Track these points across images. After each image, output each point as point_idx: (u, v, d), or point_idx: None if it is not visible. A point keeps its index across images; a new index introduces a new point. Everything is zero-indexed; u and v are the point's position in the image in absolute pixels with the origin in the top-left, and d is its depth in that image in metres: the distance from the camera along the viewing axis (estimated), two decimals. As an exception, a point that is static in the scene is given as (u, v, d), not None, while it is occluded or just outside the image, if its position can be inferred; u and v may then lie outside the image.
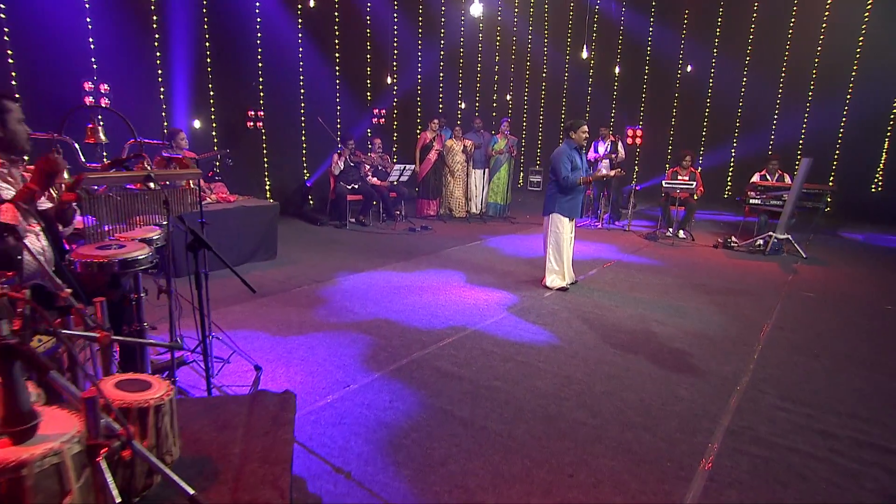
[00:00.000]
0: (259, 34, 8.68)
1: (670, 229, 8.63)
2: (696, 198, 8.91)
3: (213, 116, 8.25)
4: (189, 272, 2.67)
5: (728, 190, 12.78)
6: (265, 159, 9.16)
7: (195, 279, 2.67)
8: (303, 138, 9.70)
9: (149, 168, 2.78)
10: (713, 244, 8.13)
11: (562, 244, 5.57)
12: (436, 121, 9.50)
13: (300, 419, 3.04)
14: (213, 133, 8.30)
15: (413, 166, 8.86)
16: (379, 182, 8.93)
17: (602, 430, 3.07)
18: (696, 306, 5.30)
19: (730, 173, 12.76)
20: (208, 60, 8.05)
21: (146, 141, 3.44)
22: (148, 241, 2.81)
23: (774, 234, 7.70)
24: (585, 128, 5.49)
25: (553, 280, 5.66)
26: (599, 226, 9.28)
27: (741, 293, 5.80)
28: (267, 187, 9.27)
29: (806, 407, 3.43)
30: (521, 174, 14.72)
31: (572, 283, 5.81)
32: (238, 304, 4.85)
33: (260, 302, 4.94)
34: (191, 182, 3.06)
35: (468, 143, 9.67)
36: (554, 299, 5.35)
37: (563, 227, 5.54)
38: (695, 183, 8.27)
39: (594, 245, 7.91)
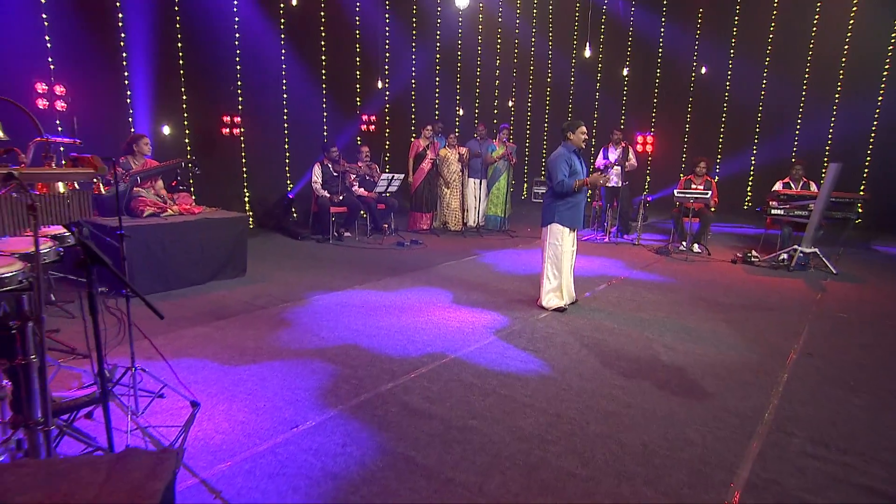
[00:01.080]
0: (237, 34, 8.45)
1: (684, 243, 8.24)
2: (711, 209, 8.53)
3: (185, 122, 7.98)
4: (119, 291, 2.31)
5: (748, 200, 12.38)
6: (244, 168, 8.88)
7: (89, 302, 2.30)
8: (286, 146, 9.43)
9: (20, 168, 2.44)
10: (731, 259, 7.72)
11: (560, 258, 5.20)
12: (429, 127, 9.19)
13: (233, 468, 2.66)
14: (186, 140, 8.02)
15: (402, 176, 8.53)
16: (366, 193, 8.61)
17: (593, 482, 2.66)
18: (711, 329, 4.89)
19: (749, 182, 12.37)
20: (181, 62, 7.81)
21: (54, 139, 3.11)
22: (31, 255, 2.45)
23: (800, 248, 7.29)
24: (584, 128, 5.15)
25: (550, 299, 5.28)
26: (606, 239, 8.90)
27: (763, 314, 5.39)
28: (245, 199, 8.98)
29: (843, 454, 3.01)
30: (525, 185, 14.39)
31: (572, 303, 5.43)
32: (192, 328, 4.50)
33: (216, 325, 4.59)
34: (76, 183, 2.70)
35: (463, 150, 9.35)
36: (549, 321, 4.96)
37: (562, 240, 5.18)
38: (710, 192, 7.89)
39: (599, 260, 7.52)
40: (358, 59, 10.28)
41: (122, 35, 7.12)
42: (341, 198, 8.26)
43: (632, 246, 8.58)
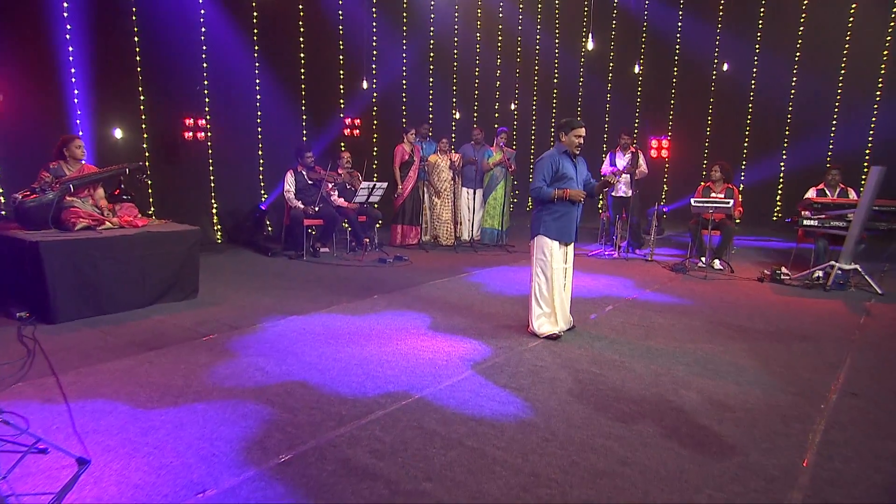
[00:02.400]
0: (203, 28, 8.12)
1: (703, 259, 7.75)
2: (735, 220, 8.03)
3: (143, 126, 7.63)
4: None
5: (777, 210, 11.87)
6: (211, 177, 8.52)
7: None
8: (259, 151, 9.08)
9: None
10: (758, 277, 7.21)
11: (550, 277, 4.74)
12: (412, 131, 8.79)
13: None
14: (144, 145, 7.67)
15: (385, 184, 8.11)
16: (346, 204, 8.20)
17: (570, 574, 2.17)
18: (731, 361, 4.39)
19: (779, 190, 11.87)
20: (137, 59, 7.47)
21: None
22: None
23: (837, 265, 6.76)
24: (581, 131, 4.73)
25: (542, 325, 4.80)
26: (615, 255, 8.41)
27: (795, 343, 4.87)
28: (213, 210, 8.61)
29: (896, 531, 2.49)
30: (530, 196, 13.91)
31: (569, 329, 4.96)
32: (114, 361, 4.06)
33: (144, 358, 4.15)
34: None
35: (455, 157, 8.94)
36: (539, 352, 4.48)
37: (550, 255, 4.74)
38: (732, 201, 7.40)
39: (605, 279, 7.05)
40: (341, 56, 9.94)
41: (69, 27, 6.79)
42: (317, 209, 7.85)
43: (644, 262, 8.11)
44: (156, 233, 5.40)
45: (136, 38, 7.43)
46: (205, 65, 8.22)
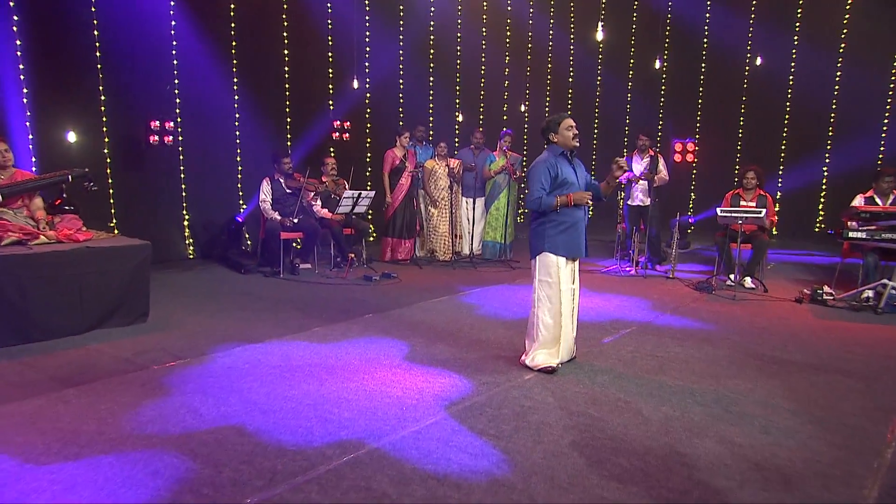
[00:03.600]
0: (173, 21, 7.85)
1: (731, 276, 7.24)
2: (772, 231, 7.51)
3: (104, 129, 7.35)
4: None
5: (819, 220, 11.28)
6: (182, 185, 8.23)
7: None
8: (237, 158, 8.79)
9: None
10: (795, 297, 6.69)
11: (556, 300, 4.29)
12: (406, 134, 8.45)
13: None
14: (105, 150, 7.38)
15: (372, 193, 7.72)
16: (331, 215, 7.83)
17: None
18: (761, 401, 3.89)
19: (821, 197, 11.30)
20: (98, 55, 7.20)
21: None
22: None
23: (891, 283, 6.21)
24: (571, 122, 4.33)
25: (538, 356, 4.35)
26: (632, 271, 7.93)
27: (840, 378, 4.36)
28: (185, 222, 8.31)
29: None
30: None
31: (570, 360, 4.50)
32: (22, 400, 3.68)
33: (61, 396, 3.77)
34: None
35: (454, 162, 8.56)
36: (530, 388, 4.03)
37: (557, 274, 4.29)
38: (764, 210, 6.90)
39: (618, 299, 6.58)
40: (330, 53, 9.67)
41: (16, 18, 6.54)
42: (295, 221, 7.50)
43: (664, 280, 7.63)
44: (96, 248, 5.05)
45: (95, 32, 7.17)
46: (175, 62, 7.96)
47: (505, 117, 12.37)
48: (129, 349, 4.67)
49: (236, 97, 8.64)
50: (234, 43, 8.53)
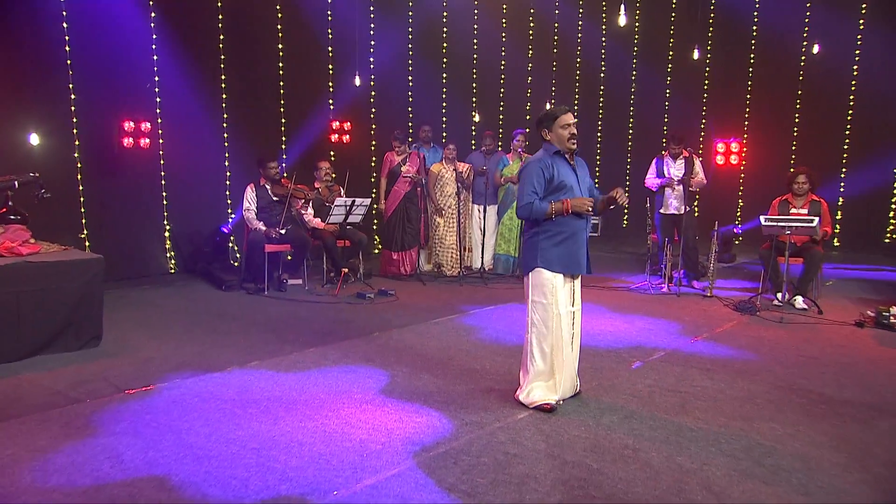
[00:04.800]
0: (153, 13, 7.68)
1: (779, 295, 6.72)
2: (835, 243, 6.97)
3: (75, 130, 7.19)
4: None
5: (889, 230, 10.59)
6: (164, 193, 8.03)
7: None
8: (226, 163, 8.57)
9: None
10: (856, 321, 6.15)
11: (552, 325, 3.90)
12: (399, 139, 8.21)
13: None
14: (76, 154, 7.21)
15: (366, 201, 7.43)
16: (324, 225, 7.55)
17: None
18: (802, 453, 3.41)
19: (892, 204, 10.60)
20: (67, 49, 7.04)
21: None
22: None
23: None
24: (569, 117, 3.96)
25: (533, 391, 3.95)
26: (665, 289, 7.45)
27: (902, 422, 3.85)
28: (166, 233, 8.10)
29: None
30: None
31: (573, 396, 4.08)
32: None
33: (-34, 435, 3.48)
34: None
35: (464, 167, 8.23)
36: (519, 431, 3.62)
37: (553, 294, 3.91)
38: (817, 219, 6.39)
39: (643, 322, 6.14)
40: (330, 48, 9.44)
41: (-26, 12, 6.43)
42: (282, 232, 7.22)
43: (701, 298, 7.17)
44: (38, 263, 4.80)
45: (64, 24, 7.01)
46: (155, 56, 7.77)
47: (528, 117, 11.97)
48: (68, 379, 4.39)
49: (224, 95, 8.44)
50: (221, 37, 8.33)
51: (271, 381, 4.42)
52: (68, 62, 7.08)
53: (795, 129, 11.47)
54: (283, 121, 9.05)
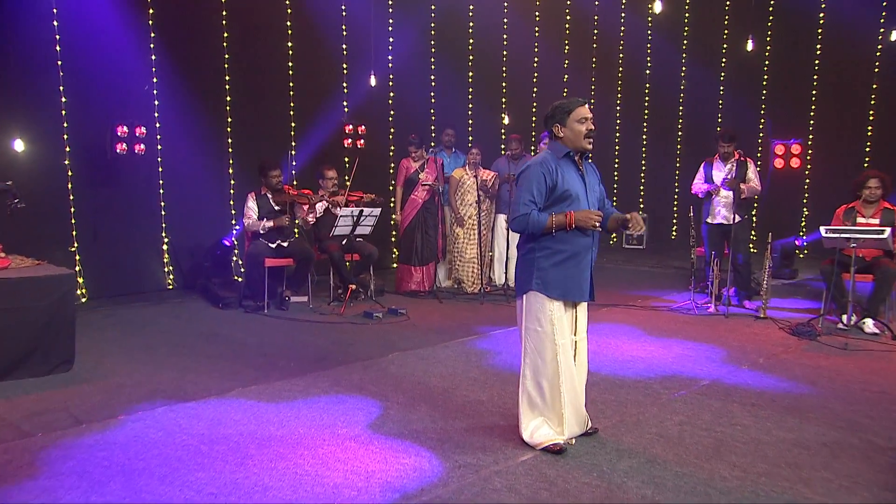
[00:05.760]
0: (150, 10, 7.64)
1: (844, 317, 6.32)
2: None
3: (65, 136, 7.16)
4: None
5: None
6: (162, 203, 7.98)
7: None
8: (230, 171, 8.52)
9: None
10: (935, 348, 5.67)
11: (547, 357, 3.60)
12: (411, 147, 8.05)
13: None
14: (66, 161, 7.18)
15: (377, 210, 7.24)
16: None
17: None
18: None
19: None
20: (57, 49, 7.01)
21: None
22: None
23: None
24: (586, 112, 3.64)
25: (539, 431, 3.65)
26: (711, 309, 7.05)
27: None
28: (164, 246, 8.05)
29: None
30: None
31: (586, 434, 3.78)
32: None
33: None
34: None
35: (488, 174, 8.01)
36: (520, 477, 3.32)
37: (551, 322, 3.62)
38: (889, 230, 5.97)
39: (681, 347, 5.79)
40: (344, 45, 9.36)
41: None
42: (285, 244, 7.09)
43: (753, 320, 6.76)
44: (2, 280, 4.68)
45: (55, 23, 7.00)
46: (153, 56, 7.76)
47: None
48: (25, 409, 4.24)
49: (228, 97, 8.39)
50: (225, 34, 8.29)
51: (249, 412, 4.21)
52: (59, 62, 7.07)
53: (869, 127, 10.91)
54: (293, 125, 9.01)
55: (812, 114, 11.37)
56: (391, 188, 9.46)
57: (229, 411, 4.23)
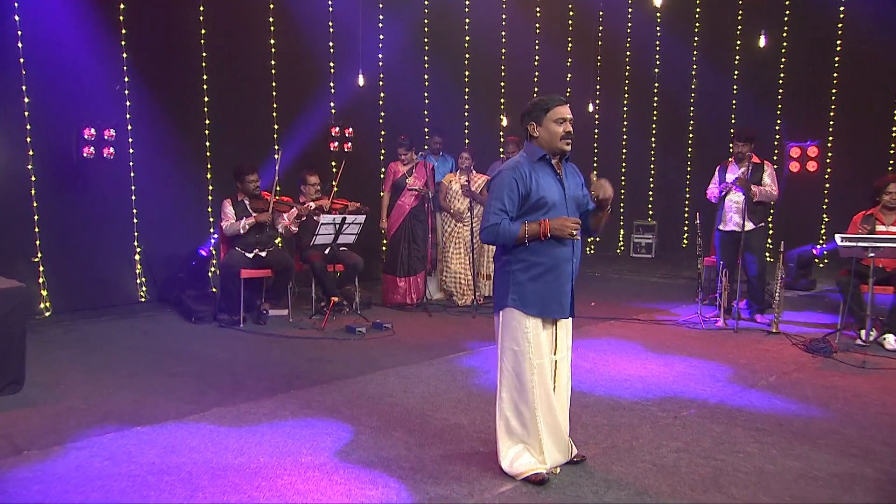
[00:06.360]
0: (121, 5, 7.56)
1: (863, 332, 6.18)
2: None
3: (28, 139, 7.06)
4: None
5: None
6: (134, 210, 7.89)
7: None
8: (207, 175, 8.42)
9: None
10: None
11: (525, 378, 3.45)
12: (401, 149, 7.94)
13: None
14: (29, 166, 7.07)
15: (360, 218, 7.14)
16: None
17: None
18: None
19: None
20: (20, 45, 6.91)
21: None
22: None
23: None
24: (564, 111, 3.52)
25: (519, 460, 3.49)
26: (720, 323, 6.90)
27: None
28: (136, 257, 7.94)
29: None
30: (621, 232, 12.61)
31: (571, 462, 3.62)
32: None
33: None
34: None
35: (477, 178, 7.92)
36: (494, 515, 3.14)
37: (528, 341, 3.46)
38: (910, 238, 5.81)
39: (684, 364, 5.66)
40: (331, 43, 9.31)
41: None
42: (263, 254, 6.99)
43: (765, 335, 6.63)
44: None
45: (16, 17, 6.90)
46: (124, 54, 7.67)
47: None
48: (-41, 434, 4.10)
49: (206, 98, 8.31)
50: (203, 31, 8.21)
51: (207, 438, 4.06)
52: (21, 60, 6.97)
53: (894, 128, 10.81)
54: (276, 127, 8.94)
55: (831, 114, 11.27)
56: (381, 195, 9.39)
57: (185, 437, 4.07)
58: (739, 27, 12.00)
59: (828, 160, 10.98)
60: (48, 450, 3.87)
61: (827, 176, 11.09)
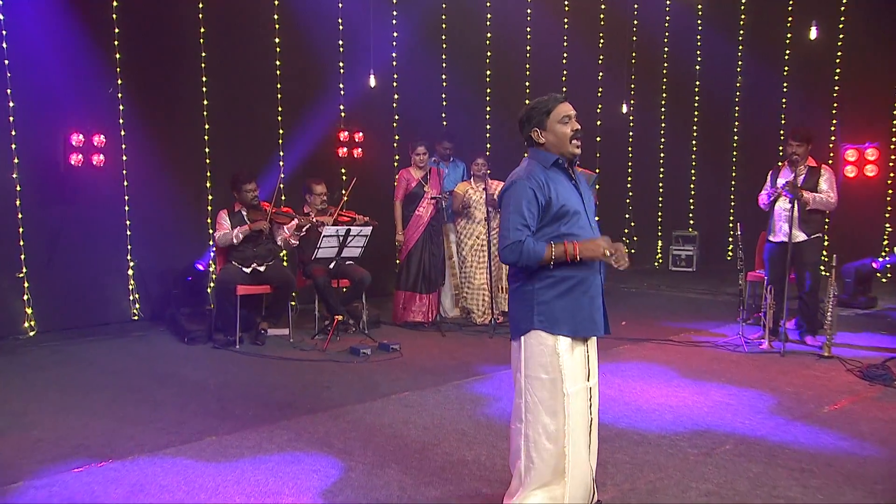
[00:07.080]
0: (115, 2, 7.56)
1: (927, 357, 5.84)
2: None
3: (13, 146, 7.06)
4: None
5: None
6: (127, 221, 7.89)
7: None
8: (207, 185, 8.39)
9: None
10: None
11: (557, 410, 3.21)
12: (420, 148, 7.80)
13: None
14: (14, 174, 7.06)
15: (367, 229, 7.03)
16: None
17: None
18: None
19: None
20: (4, 46, 6.91)
21: None
22: None
23: None
24: (568, 109, 3.28)
25: (530, 498, 3.25)
26: (765, 346, 6.65)
27: None
28: (129, 272, 7.91)
29: None
30: (659, 243, 12.38)
31: (591, 506, 3.39)
32: None
33: None
34: None
35: (498, 185, 7.71)
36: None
37: (558, 367, 3.21)
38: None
39: (721, 392, 5.45)
40: (340, 41, 9.28)
41: None
42: (262, 268, 6.93)
43: (816, 360, 6.35)
44: None
45: (0, 16, 6.93)
46: (118, 55, 7.67)
47: (598, 122, 11.66)
48: None
49: (206, 101, 8.29)
50: (202, 30, 8.19)
51: (181, 475, 3.92)
52: (6, 62, 6.99)
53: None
54: (280, 132, 8.89)
55: (895, 112, 10.98)
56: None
57: (157, 474, 3.94)
58: (789, 18, 11.83)
59: (890, 164, 10.72)
60: (3, 489, 3.76)
61: (889, 182, 10.82)
